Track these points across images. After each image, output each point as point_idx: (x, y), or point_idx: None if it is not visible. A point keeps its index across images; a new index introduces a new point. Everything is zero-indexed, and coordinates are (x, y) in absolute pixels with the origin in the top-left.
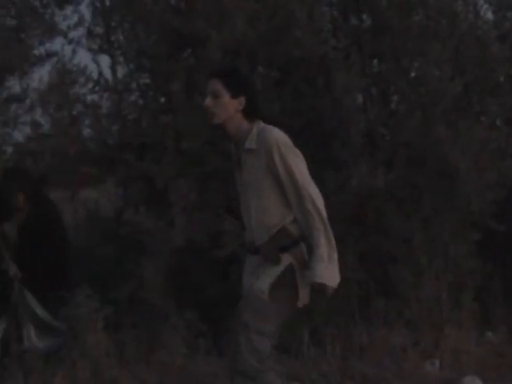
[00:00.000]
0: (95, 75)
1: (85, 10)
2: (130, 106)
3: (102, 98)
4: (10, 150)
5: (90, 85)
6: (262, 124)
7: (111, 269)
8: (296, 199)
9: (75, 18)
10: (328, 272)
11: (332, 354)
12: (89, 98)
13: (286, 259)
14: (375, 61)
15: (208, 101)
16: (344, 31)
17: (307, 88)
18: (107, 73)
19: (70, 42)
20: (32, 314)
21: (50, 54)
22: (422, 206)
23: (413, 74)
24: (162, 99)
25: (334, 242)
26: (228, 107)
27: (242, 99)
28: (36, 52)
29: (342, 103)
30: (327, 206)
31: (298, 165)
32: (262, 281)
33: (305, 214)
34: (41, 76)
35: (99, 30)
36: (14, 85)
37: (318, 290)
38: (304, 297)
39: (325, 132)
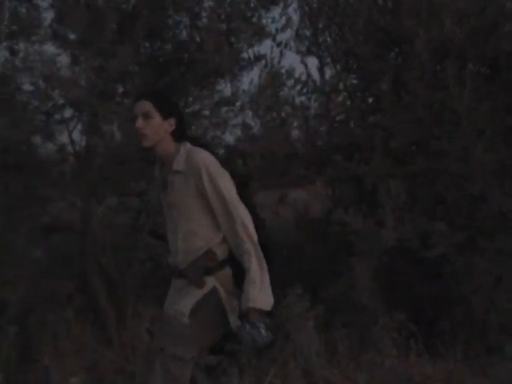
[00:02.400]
0: (303, 77)
1: (292, 12)
2: (338, 107)
3: (311, 100)
4: (221, 151)
5: (299, 87)
6: (189, 145)
7: (321, 269)
8: (226, 222)
9: (283, 21)
10: (261, 295)
11: None
12: (297, 99)
13: (210, 282)
14: None
15: (139, 122)
16: None
17: None
18: (315, 74)
19: (279, 44)
20: None
21: (258, 57)
22: None
23: None
24: (370, 99)
25: (265, 264)
26: (159, 129)
27: (173, 121)
28: (245, 55)
29: None
30: None
31: (228, 186)
32: (183, 304)
33: (235, 236)
34: (250, 79)
35: (307, 32)
36: (225, 88)
37: (247, 313)
38: (236, 320)
39: None
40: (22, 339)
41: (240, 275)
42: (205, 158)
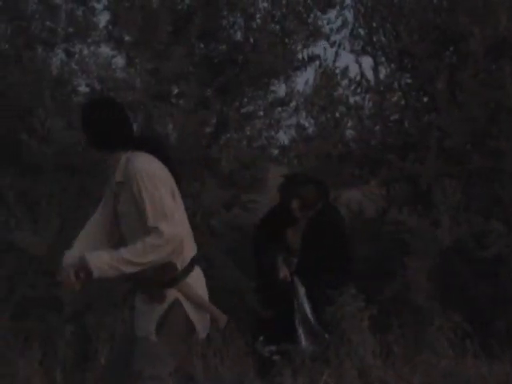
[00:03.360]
0: (358, 77)
1: (347, 12)
2: (393, 107)
3: (365, 99)
4: (275, 152)
5: (353, 86)
6: (129, 153)
7: (375, 268)
8: (143, 231)
9: (339, 22)
10: (100, 259)
11: None
12: (351, 99)
13: (171, 295)
14: None
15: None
16: None
17: None
18: (369, 74)
19: (333, 44)
20: (303, 317)
21: (313, 57)
22: None
23: None
24: (425, 98)
25: (138, 261)
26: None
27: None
28: (299, 56)
29: None
30: None
31: (154, 197)
32: (147, 322)
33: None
34: (304, 79)
35: (361, 31)
36: (279, 88)
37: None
38: (203, 328)
39: None
40: (80, 339)
41: None
42: (138, 166)
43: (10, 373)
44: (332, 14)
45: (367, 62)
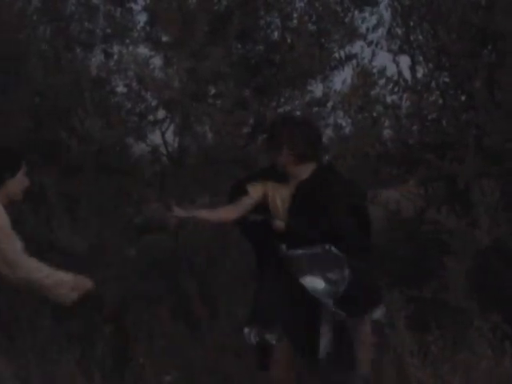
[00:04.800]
0: (395, 76)
1: (383, 10)
2: (430, 106)
3: (402, 99)
4: None
5: (390, 86)
6: None
7: (413, 268)
8: None
9: (374, 20)
10: None
11: None
12: (389, 98)
13: None
14: None
15: None
16: None
17: None
18: (407, 73)
19: (370, 44)
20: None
21: (349, 57)
22: None
23: None
24: (463, 97)
25: None
26: None
27: None
28: (336, 55)
29: None
30: None
31: None
32: None
33: None
34: (341, 79)
35: (398, 30)
36: (316, 88)
37: None
38: None
39: None
40: (118, 338)
41: None
42: None
43: (51, 371)
44: (368, 12)
45: (405, 61)
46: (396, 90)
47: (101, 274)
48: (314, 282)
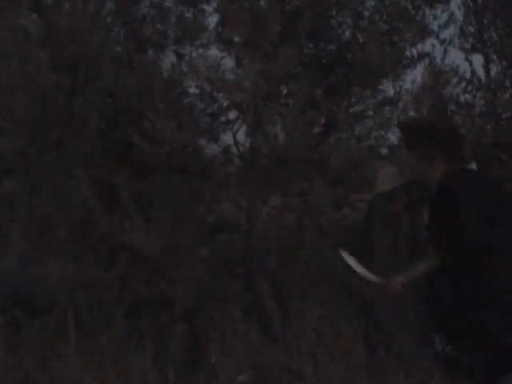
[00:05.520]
0: (468, 75)
1: (455, 8)
2: (504, 104)
3: (475, 97)
4: (384, 151)
5: (463, 84)
6: None
7: None
8: None
9: (445, 17)
10: None
11: None
12: (462, 97)
13: None
14: None
15: None
16: None
17: None
18: (480, 72)
19: (442, 42)
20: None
21: (421, 56)
22: None
23: None
24: None
25: None
26: None
27: None
28: (408, 54)
29: None
30: None
31: None
32: None
33: None
34: (413, 78)
35: (471, 28)
36: (388, 87)
37: None
38: None
39: None
40: (190, 337)
41: None
42: None
43: (126, 370)
44: (439, 9)
45: (478, 59)
46: (469, 88)
47: (173, 273)
48: None
